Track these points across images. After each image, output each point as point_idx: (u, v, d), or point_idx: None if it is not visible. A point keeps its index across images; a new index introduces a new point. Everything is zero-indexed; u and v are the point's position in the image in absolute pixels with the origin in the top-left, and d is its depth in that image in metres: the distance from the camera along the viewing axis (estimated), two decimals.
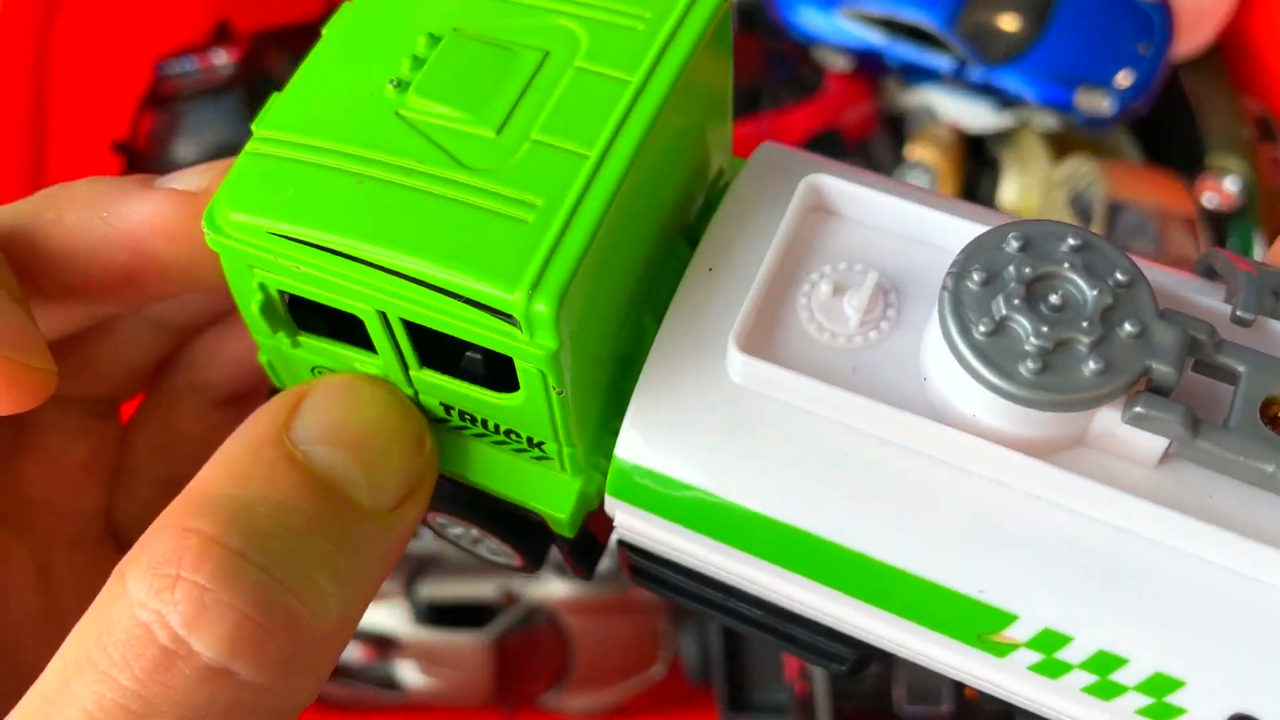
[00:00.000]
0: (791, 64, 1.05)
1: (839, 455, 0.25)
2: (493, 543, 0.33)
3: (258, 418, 0.26)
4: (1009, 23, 0.99)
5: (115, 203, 0.28)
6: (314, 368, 0.28)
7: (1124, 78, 0.97)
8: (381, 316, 0.25)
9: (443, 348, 0.26)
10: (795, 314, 0.26)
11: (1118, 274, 0.23)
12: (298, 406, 0.26)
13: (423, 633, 0.87)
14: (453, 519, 0.32)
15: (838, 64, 1.05)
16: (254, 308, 0.26)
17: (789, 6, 1.04)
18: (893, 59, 1.02)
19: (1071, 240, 0.23)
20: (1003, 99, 1.00)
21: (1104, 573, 0.24)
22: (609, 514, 0.29)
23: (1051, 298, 0.23)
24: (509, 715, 0.90)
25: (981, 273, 0.23)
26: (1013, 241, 0.24)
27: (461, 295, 0.23)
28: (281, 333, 0.27)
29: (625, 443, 0.26)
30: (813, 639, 0.30)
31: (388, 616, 0.87)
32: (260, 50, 0.96)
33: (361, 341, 0.27)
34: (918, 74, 1.03)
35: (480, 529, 0.32)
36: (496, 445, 0.28)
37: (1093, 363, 0.22)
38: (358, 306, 0.25)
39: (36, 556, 0.33)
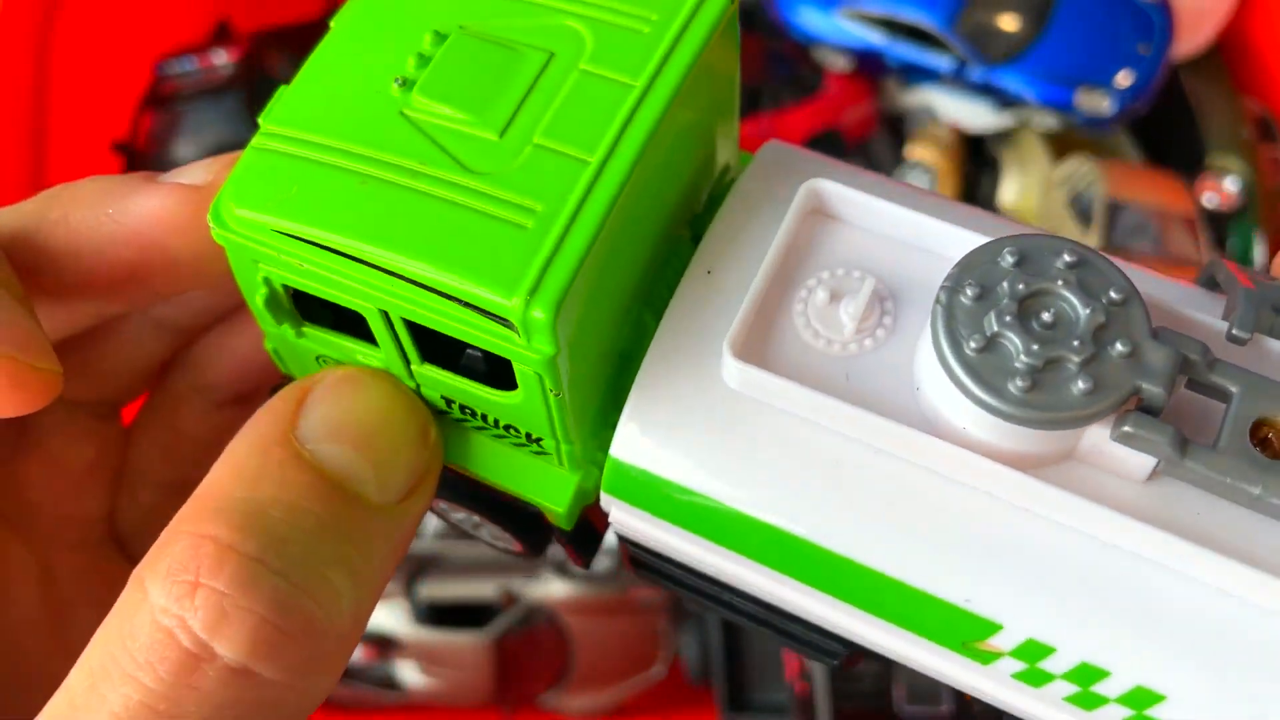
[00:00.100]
0: (791, 64, 1.05)
1: (830, 462, 0.25)
2: (493, 529, 0.34)
3: (263, 416, 0.26)
4: (1009, 23, 0.99)
5: (120, 200, 0.28)
6: (318, 356, 0.29)
7: (1124, 78, 0.97)
8: (383, 314, 0.25)
9: (444, 344, 0.26)
10: (791, 320, 0.26)
11: (1112, 292, 0.23)
12: (303, 403, 0.26)
13: (423, 633, 0.87)
14: (454, 505, 0.33)
15: (838, 64, 1.05)
16: (259, 301, 0.27)
17: (789, 6, 1.04)
18: (893, 59, 1.02)
19: (1067, 256, 0.23)
20: (1003, 99, 1.00)
21: (1088, 586, 0.24)
22: (604, 509, 0.29)
23: (1044, 315, 0.23)
24: (509, 715, 0.90)
25: (975, 287, 0.23)
26: (1008, 256, 0.24)
27: (460, 299, 0.23)
28: (286, 324, 0.28)
29: (620, 442, 0.27)
30: (807, 634, 0.30)
31: (388, 616, 0.87)
32: (260, 50, 0.96)
33: (365, 335, 0.27)
34: (918, 74, 1.03)
35: (480, 515, 0.33)
36: (496, 439, 0.29)
37: (1081, 382, 0.22)
38: (360, 304, 0.25)
39: (38, 560, 0.33)
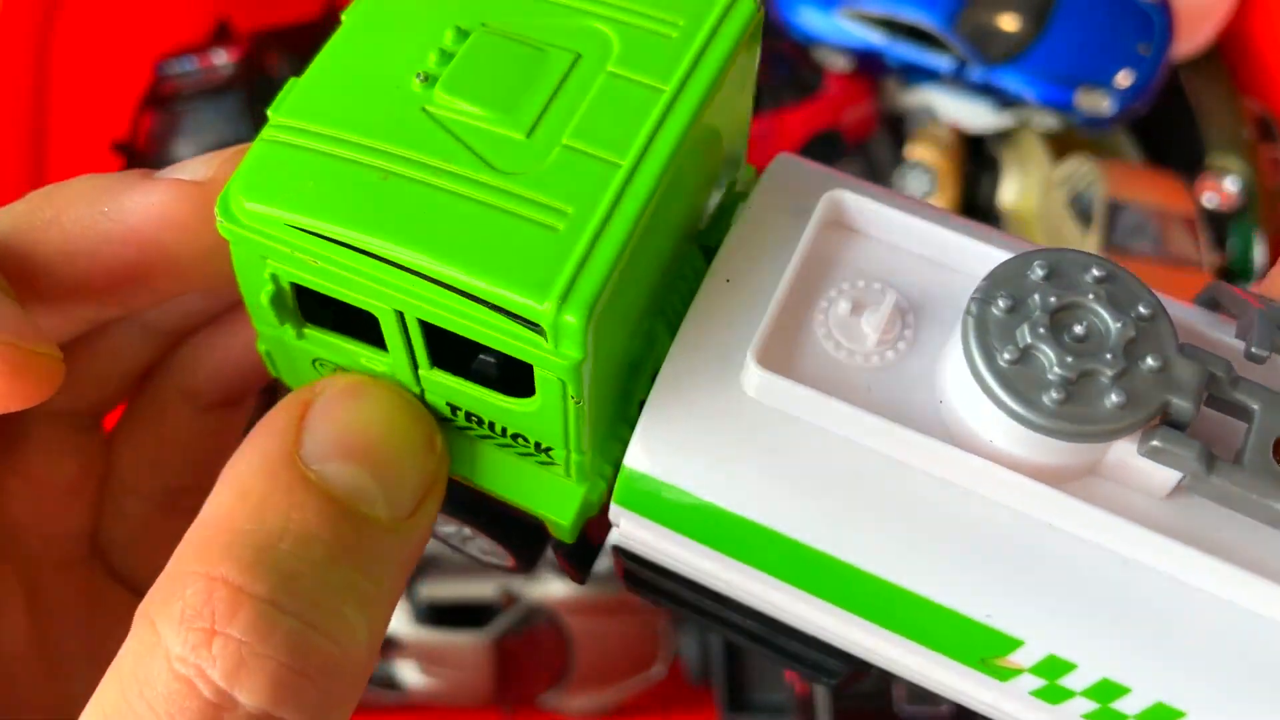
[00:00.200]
0: (791, 64, 1.05)
1: (852, 474, 0.25)
2: (484, 542, 0.33)
3: (265, 433, 0.25)
4: (1009, 23, 0.99)
5: (117, 197, 0.27)
6: (315, 360, 0.28)
7: (1124, 78, 0.97)
8: (398, 315, 0.24)
9: (455, 348, 0.25)
10: (812, 330, 0.26)
11: (1140, 307, 0.23)
12: (305, 417, 0.25)
13: (423, 633, 0.87)
14: (444, 517, 0.32)
15: (838, 64, 1.05)
16: (264, 299, 0.26)
17: (789, 6, 1.04)
18: (893, 59, 1.02)
19: (1095, 271, 0.24)
20: (1003, 99, 1.00)
21: (1111, 602, 0.24)
22: (613, 522, 0.28)
23: (1075, 328, 0.23)
24: (509, 715, 0.90)
25: (1007, 300, 0.23)
26: (1038, 269, 0.24)
27: (487, 301, 0.23)
28: (287, 325, 0.27)
29: (635, 453, 0.26)
30: (805, 651, 0.30)
31: None
32: (260, 50, 0.97)
33: (369, 337, 0.26)
34: (918, 74, 1.03)
35: (473, 528, 0.32)
36: (501, 448, 0.28)
37: (1114, 395, 0.22)
38: (374, 304, 0.24)
39: (23, 583, 0.31)
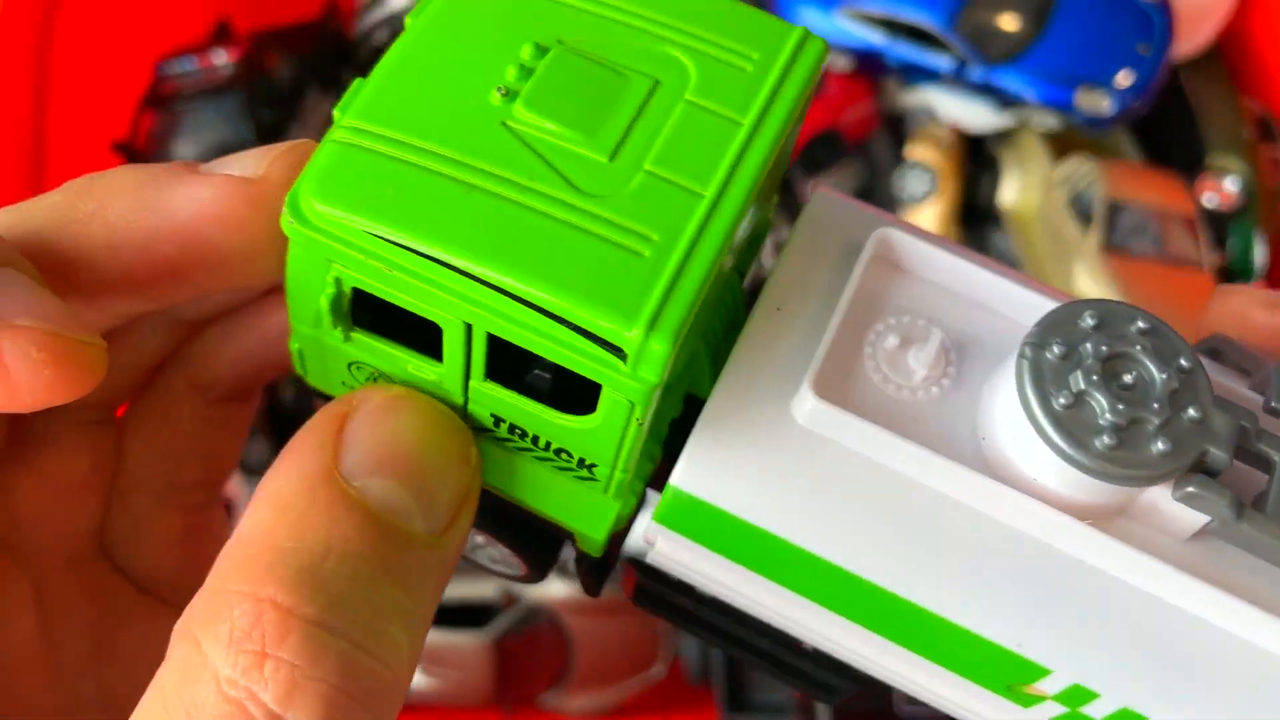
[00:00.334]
0: None
1: (897, 504, 0.26)
2: (497, 550, 0.32)
3: (302, 448, 0.25)
4: (1009, 23, 0.99)
5: (163, 191, 0.26)
6: (351, 363, 0.27)
7: (1124, 78, 0.97)
8: (465, 328, 0.24)
9: (508, 363, 0.25)
10: (861, 362, 0.27)
11: (1181, 360, 0.25)
12: (342, 432, 0.25)
13: None
14: None
15: (838, 64, 1.05)
16: (322, 301, 0.25)
17: (789, 6, 1.04)
18: (893, 59, 1.02)
19: (1141, 323, 0.25)
20: (1003, 99, 1.00)
21: (1136, 635, 0.25)
22: (648, 540, 0.29)
23: (1125, 377, 0.24)
24: (509, 715, 0.90)
25: (1061, 346, 0.25)
26: (1089, 319, 0.25)
27: (569, 322, 0.23)
28: (338, 328, 0.26)
29: (683, 474, 0.26)
30: (814, 670, 0.31)
31: None
32: (260, 50, 0.96)
33: (419, 345, 0.26)
34: (918, 74, 1.03)
35: (488, 536, 0.32)
36: (539, 461, 0.28)
37: (1160, 443, 0.24)
38: (441, 315, 0.24)
39: (32, 580, 0.31)
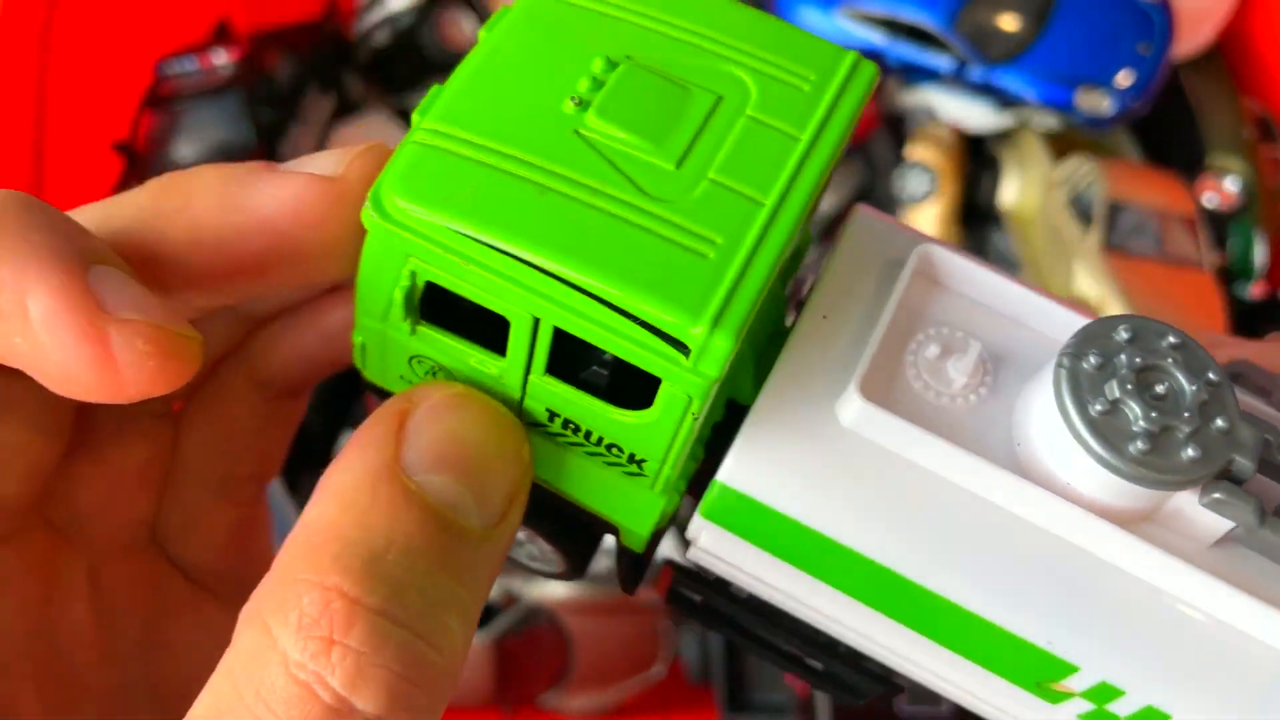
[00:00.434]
0: None
1: (934, 505, 0.27)
2: (537, 548, 0.33)
3: (365, 443, 0.26)
4: (1009, 23, 0.99)
5: (245, 189, 0.27)
6: (413, 357, 0.28)
7: (1124, 78, 0.97)
8: (533, 322, 0.25)
9: (570, 359, 0.26)
10: (903, 369, 0.29)
11: (1210, 374, 0.26)
12: (404, 427, 0.26)
13: None
14: None
15: None
16: (397, 294, 0.26)
17: (789, 6, 1.04)
18: (893, 59, 1.02)
19: (1171, 339, 0.27)
20: (1003, 99, 1.00)
21: (1162, 635, 0.26)
22: (690, 538, 0.29)
23: (1157, 388, 0.26)
24: (509, 715, 0.90)
25: (1097, 357, 0.26)
26: (1123, 332, 0.26)
27: (636, 316, 0.24)
28: (404, 321, 0.27)
29: (731, 469, 0.27)
30: (844, 672, 0.32)
31: None
32: (260, 50, 0.96)
33: (486, 341, 0.27)
34: (918, 74, 1.03)
35: (530, 532, 0.32)
36: (590, 456, 0.28)
37: (1190, 450, 0.25)
38: (510, 308, 0.25)
39: (89, 568, 0.32)
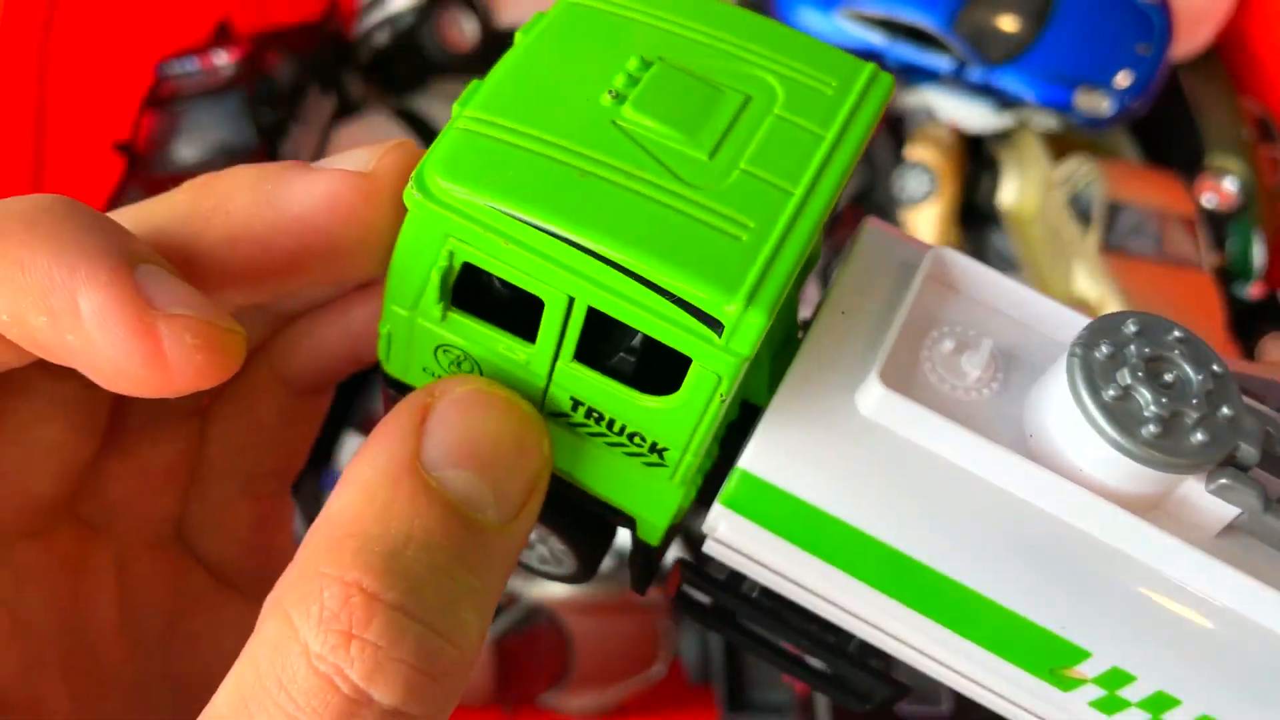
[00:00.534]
0: None
1: (951, 492, 0.28)
2: (547, 549, 0.33)
3: (386, 437, 0.26)
4: (1008, 23, 0.99)
5: (280, 186, 0.27)
6: (439, 346, 0.29)
7: (1123, 78, 0.97)
8: (568, 302, 0.26)
9: (598, 347, 0.27)
10: (919, 363, 0.30)
11: (1214, 366, 0.27)
12: (425, 422, 0.26)
13: None
14: None
15: None
16: (434, 275, 0.27)
17: (789, 6, 1.04)
18: (893, 59, 1.02)
19: (1176, 333, 0.28)
20: (1002, 99, 1.00)
21: (1173, 623, 0.27)
22: (707, 531, 0.30)
23: (1166, 376, 0.27)
24: (509, 715, 0.90)
25: (1108, 346, 0.27)
26: (1131, 325, 0.27)
27: (671, 293, 0.24)
28: (434, 306, 0.27)
29: (752, 456, 0.28)
30: (851, 673, 0.32)
31: None
32: (260, 51, 0.97)
33: (516, 328, 0.27)
34: (917, 74, 1.03)
35: (542, 530, 0.32)
36: (611, 446, 0.29)
37: (1199, 434, 0.26)
38: (547, 288, 0.26)
39: (116, 562, 0.33)
